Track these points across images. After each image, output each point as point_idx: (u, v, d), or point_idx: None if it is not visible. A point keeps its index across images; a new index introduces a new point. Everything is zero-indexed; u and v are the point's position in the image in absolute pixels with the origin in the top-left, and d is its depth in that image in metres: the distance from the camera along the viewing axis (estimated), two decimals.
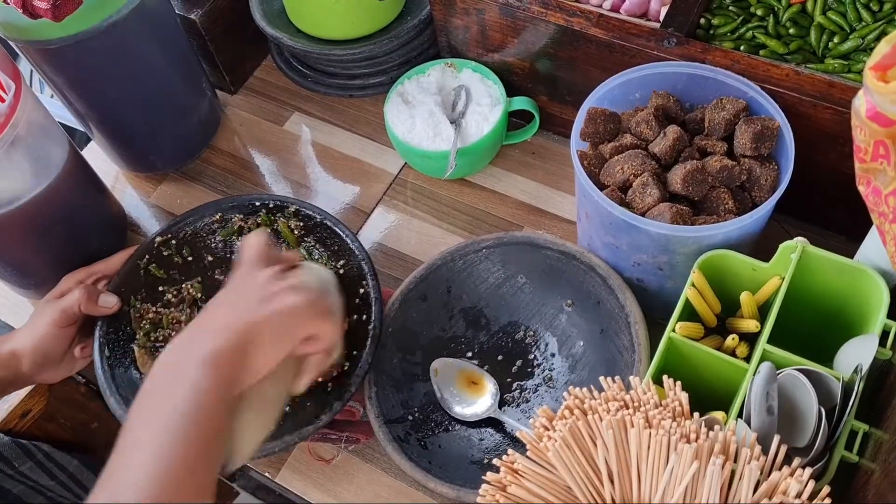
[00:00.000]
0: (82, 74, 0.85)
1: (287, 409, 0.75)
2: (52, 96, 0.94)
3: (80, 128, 0.98)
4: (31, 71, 1.23)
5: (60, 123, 0.88)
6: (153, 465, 0.50)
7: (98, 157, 1.01)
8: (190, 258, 0.85)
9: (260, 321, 0.59)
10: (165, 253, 0.85)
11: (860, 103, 0.47)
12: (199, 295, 0.84)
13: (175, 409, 0.53)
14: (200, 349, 0.56)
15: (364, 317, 0.76)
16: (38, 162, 0.80)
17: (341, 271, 0.81)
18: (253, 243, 0.66)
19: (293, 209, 0.84)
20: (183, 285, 0.85)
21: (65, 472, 0.96)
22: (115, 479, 0.51)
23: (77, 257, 0.86)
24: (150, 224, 0.98)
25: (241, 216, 0.85)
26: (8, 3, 0.74)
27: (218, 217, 0.85)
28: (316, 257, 0.83)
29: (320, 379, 0.75)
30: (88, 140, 1.02)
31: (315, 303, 0.63)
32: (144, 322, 0.82)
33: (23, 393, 0.94)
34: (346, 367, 0.75)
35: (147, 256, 0.84)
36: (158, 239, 0.85)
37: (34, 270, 0.88)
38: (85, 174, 0.89)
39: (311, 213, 0.83)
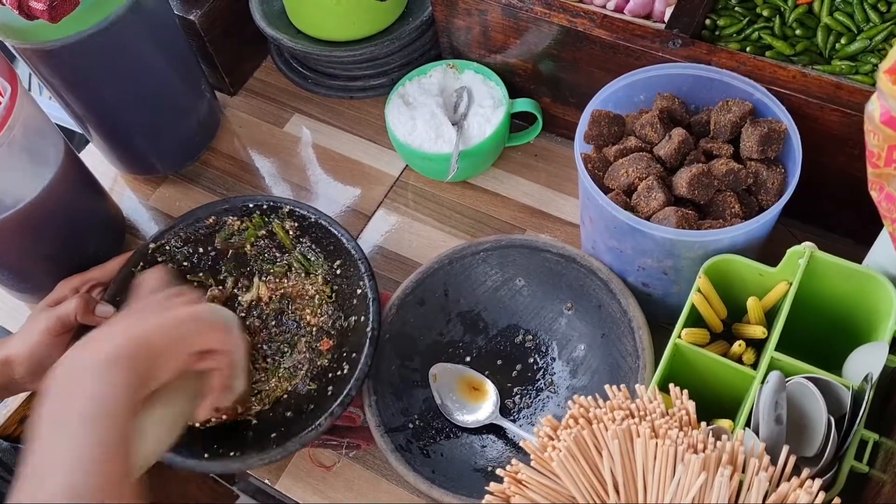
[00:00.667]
0: (80, 76, 0.84)
1: (288, 415, 0.74)
2: (49, 98, 0.93)
3: (78, 130, 0.97)
4: (30, 74, 1.22)
5: (58, 125, 0.87)
6: (65, 472, 0.49)
7: (96, 159, 1.00)
8: (185, 263, 0.85)
9: (154, 326, 0.59)
10: (160, 259, 0.84)
11: (874, 108, 0.46)
12: None
13: (78, 413, 0.52)
14: (96, 355, 0.55)
15: (362, 318, 0.75)
16: (35, 165, 0.80)
17: (338, 271, 0.80)
18: (150, 277, 0.68)
19: (287, 210, 0.83)
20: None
21: None
22: (28, 486, 0.50)
23: (74, 260, 0.85)
24: (149, 226, 0.97)
25: (236, 218, 0.84)
26: (4, 5, 0.73)
27: (212, 220, 0.85)
28: (312, 258, 0.82)
29: (224, 417, 0.74)
30: (87, 142, 1.01)
31: (212, 316, 0.62)
32: None
33: (21, 398, 0.93)
34: (344, 371, 0.74)
35: (142, 264, 0.84)
36: (152, 245, 0.84)
37: (31, 274, 0.87)
38: (82, 176, 0.88)
39: (305, 213, 0.82)
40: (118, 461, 0.52)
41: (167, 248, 0.84)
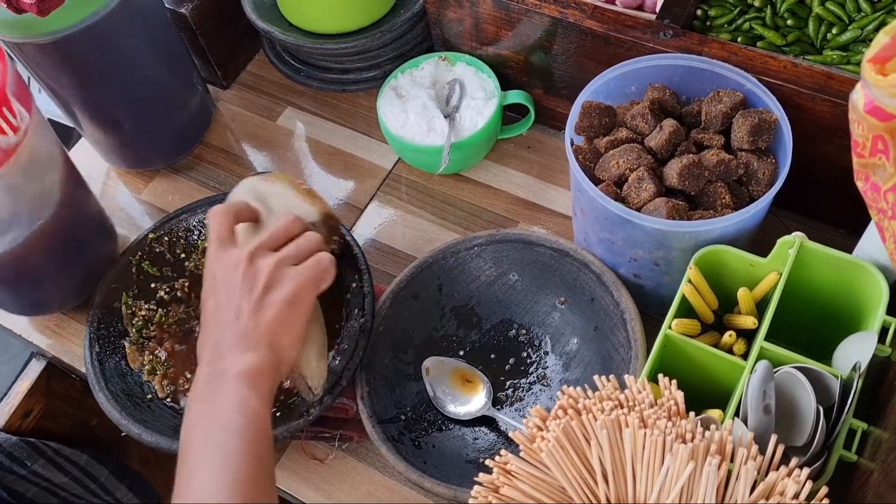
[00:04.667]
0: (71, 70, 0.84)
1: (278, 404, 0.74)
2: (40, 91, 0.92)
3: (70, 124, 0.97)
4: (28, 78, 1.22)
5: (50, 120, 0.86)
6: (223, 486, 0.53)
7: (88, 153, 1.00)
8: (182, 255, 0.85)
9: (272, 321, 0.61)
10: (158, 250, 0.84)
11: (858, 97, 0.46)
12: (192, 294, 0.83)
13: (229, 434, 0.55)
14: (234, 368, 0.58)
15: (356, 311, 0.75)
16: (42, 187, 0.79)
17: None
18: (215, 217, 0.66)
19: None
20: (176, 283, 0.84)
21: (76, 467, 0.96)
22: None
23: (72, 272, 0.85)
24: (143, 220, 0.97)
25: None
26: None
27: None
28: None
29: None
30: (79, 136, 1.01)
31: (303, 271, 0.64)
32: (137, 319, 0.82)
33: (22, 393, 0.94)
34: (336, 363, 0.74)
35: (139, 253, 0.84)
36: (151, 236, 0.84)
37: (30, 290, 0.86)
38: (80, 187, 0.86)
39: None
40: (265, 477, 0.56)
41: (166, 238, 0.84)
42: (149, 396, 0.78)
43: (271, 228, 0.67)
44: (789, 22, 0.80)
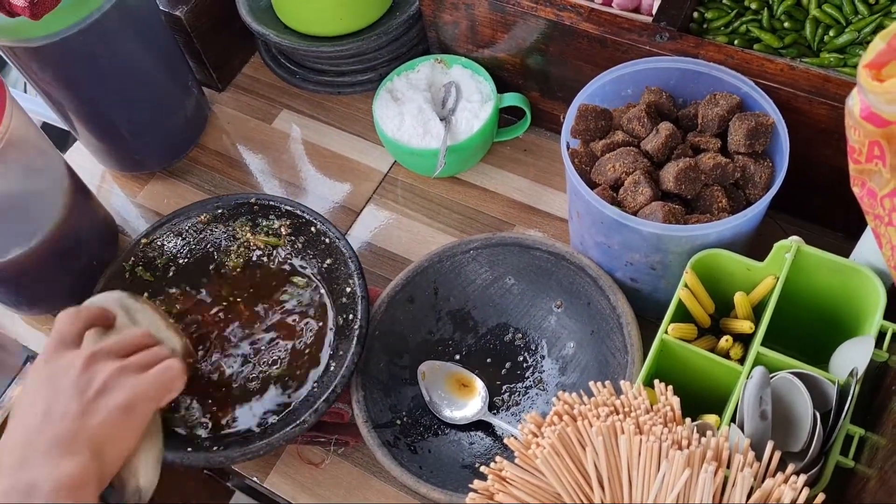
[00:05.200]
0: (65, 73, 0.83)
1: (273, 409, 0.74)
2: (35, 96, 0.92)
3: (65, 127, 0.96)
4: (25, 82, 1.21)
5: (46, 123, 0.86)
6: None
7: (84, 157, 0.99)
8: (178, 260, 0.84)
9: (100, 426, 0.54)
10: (151, 254, 0.84)
11: (854, 103, 0.45)
12: (183, 308, 0.83)
13: None
14: (49, 479, 0.50)
15: (350, 316, 0.75)
16: (46, 192, 0.80)
17: (328, 269, 0.80)
18: (63, 319, 0.61)
19: (279, 208, 0.83)
20: (170, 288, 0.84)
21: None
22: None
23: (71, 274, 0.85)
24: (138, 224, 0.96)
25: (229, 216, 0.84)
26: None
27: (204, 218, 0.85)
28: (303, 256, 0.82)
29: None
30: (74, 140, 1.01)
31: (145, 379, 0.58)
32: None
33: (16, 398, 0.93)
34: (331, 369, 0.73)
35: (132, 259, 0.83)
36: (143, 241, 0.84)
37: (25, 289, 0.86)
38: (80, 190, 0.86)
39: (297, 211, 0.82)
40: None
41: (158, 242, 0.84)
42: None
43: (121, 336, 0.62)
44: (786, 24, 0.80)
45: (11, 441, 0.54)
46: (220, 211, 0.85)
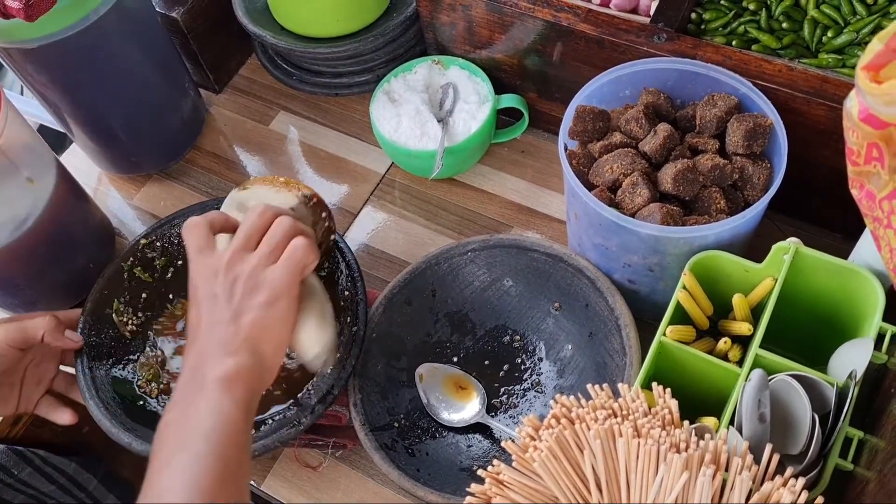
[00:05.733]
0: (61, 75, 0.83)
1: (269, 411, 0.74)
2: (30, 97, 0.92)
3: (61, 129, 0.96)
4: (21, 85, 1.21)
5: (42, 125, 0.86)
6: (186, 488, 0.52)
7: (80, 159, 0.99)
8: (177, 261, 0.84)
9: (252, 326, 0.60)
10: (150, 255, 0.84)
11: (852, 105, 0.45)
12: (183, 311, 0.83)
13: (199, 437, 0.55)
14: (212, 373, 0.58)
15: (349, 319, 0.75)
16: (31, 186, 0.79)
17: (323, 273, 0.80)
18: (191, 229, 0.65)
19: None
20: (169, 293, 0.83)
21: (64, 476, 0.95)
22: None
23: (65, 274, 0.85)
24: (135, 226, 0.96)
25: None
26: None
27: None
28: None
29: (332, 238, 0.75)
30: (70, 142, 1.00)
31: (278, 270, 0.62)
32: (130, 325, 0.81)
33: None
34: (328, 371, 0.73)
35: (131, 259, 0.83)
36: (143, 241, 0.84)
37: (20, 291, 0.86)
38: (73, 189, 0.86)
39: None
40: (233, 484, 0.55)
41: (158, 244, 0.84)
42: (139, 403, 0.77)
43: (242, 228, 0.65)
44: (784, 25, 0.80)
45: (189, 349, 0.61)
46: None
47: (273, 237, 0.64)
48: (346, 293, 0.76)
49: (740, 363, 0.63)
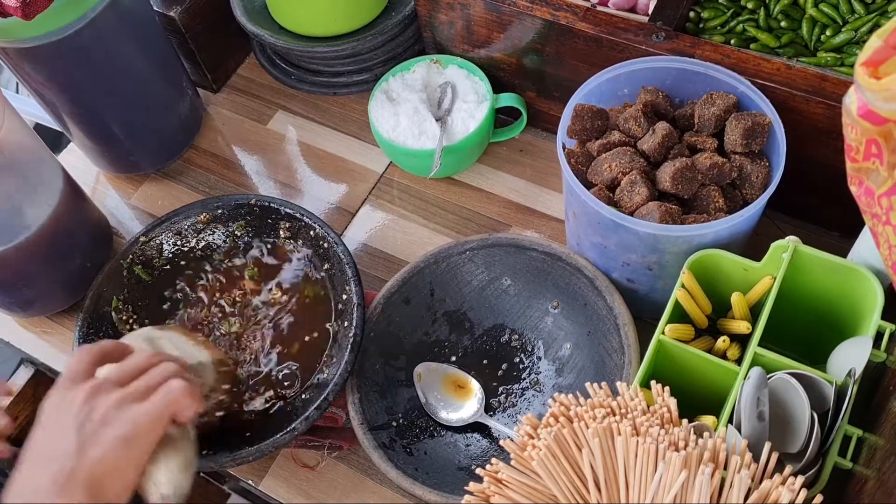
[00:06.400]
0: (59, 74, 0.83)
1: (265, 415, 0.74)
2: (28, 96, 0.92)
3: (58, 129, 0.96)
4: (17, 82, 1.21)
5: (39, 125, 0.86)
6: None
7: (78, 158, 0.99)
8: (175, 259, 0.84)
9: (98, 463, 0.53)
10: (149, 253, 0.84)
11: (851, 101, 0.45)
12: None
13: None
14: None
15: (346, 323, 0.75)
16: (36, 190, 0.79)
17: (321, 274, 0.80)
18: (76, 354, 0.61)
19: (279, 210, 0.82)
20: (165, 292, 0.83)
21: None
22: None
23: (63, 274, 0.85)
24: (133, 226, 0.96)
25: (228, 216, 0.84)
26: None
27: (203, 217, 0.84)
28: (300, 258, 0.81)
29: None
30: (68, 141, 1.00)
31: (146, 407, 0.57)
32: (130, 322, 0.81)
33: (8, 401, 0.93)
34: (324, 375, 0.73)
35: (131, 257, 0.83)
36: (142, 239, 0.84)
37: (17, 291, 0.85)
38: (74, 192, 0.86)
39: (298, 214, 0.82)
40: None
41: (157, 241, 0.84)
42: None
43: (124, 362, 0.61)
44: (783, 24, 0.80)
45: (21, 481, 0.54)
46: (219, 211, 0.84)
47: (151, 377, 0.59)
48: (344, 296, 0.76)
49: (739, 362, 0.63)
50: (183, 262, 0.84)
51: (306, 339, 0.78)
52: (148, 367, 0.60)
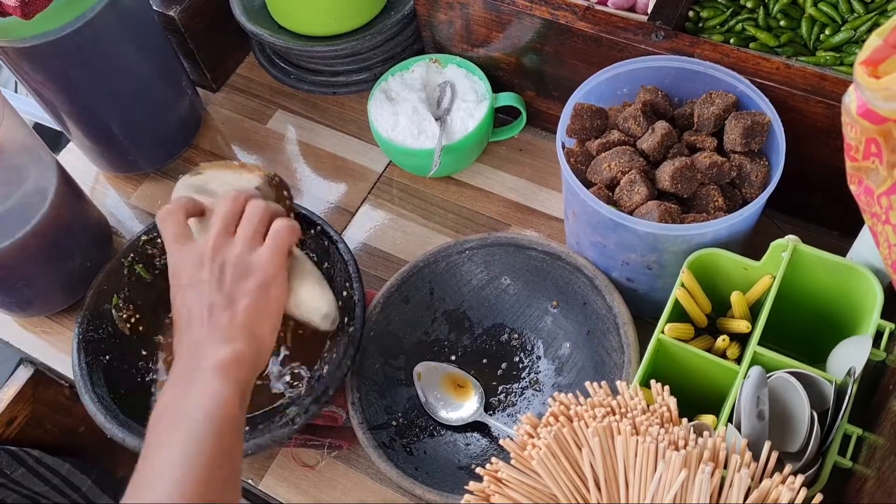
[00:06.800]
0: (58, 74, 0.83)
1: (264, 411, 0.74)
2: (27, 95, 0.92)
3: (57, 128, 0.96)
4: (16, 82, 1.21)
5: (38, 124, 0.85)
6: (181, 466, 0.52)
7: (77, 157, 0.99)
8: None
9: (247, 311, 0.60)
10: (150, 251, 0.84)
11: (850, 100, 0.45)
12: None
13: (195, 418, 0.55)
14: (209, 359, 0.58)
15: (346, 320, 0.75)
16: (33, 187, 0.79)
17: (326, 272, 0.79)
18: (166, 218, 0.65)
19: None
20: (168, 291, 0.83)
21: (58, 476, 0.95)
22: (141, 490, 0.53)
23: (60, 273, 0.85)
24: (132, 225, 0.96)
25: None
26: None
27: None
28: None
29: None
30: (67, 141, 1.00)
31: (265, 252, 0.63)
32: (130, 322, 0.81)
33: (7, 400, 0.93)
34: (324, 372, 0.73)
35: (132, 255, 0.83)
36: (144, 238, 0.83)
37: (16, 291, 0.85)
38: (71, 189, 0.86)
39: (301, 213, 0.81)
40: (228, 464, 0.55)
41: (159, 240, 0.84)
42: (137, 400, 0.77)
43: (219, 213, 0.65)
44: (782, 23, 0.80)
45: (181, 340, 0.60)
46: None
47: (251, 221, 0.65)
48: (344, 293, 0.76)
49: (739, 361, 0.63)
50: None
51: (307, 336, 0.78)
52: (240, 211, 0.66)
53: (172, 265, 0.64)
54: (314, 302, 0.67)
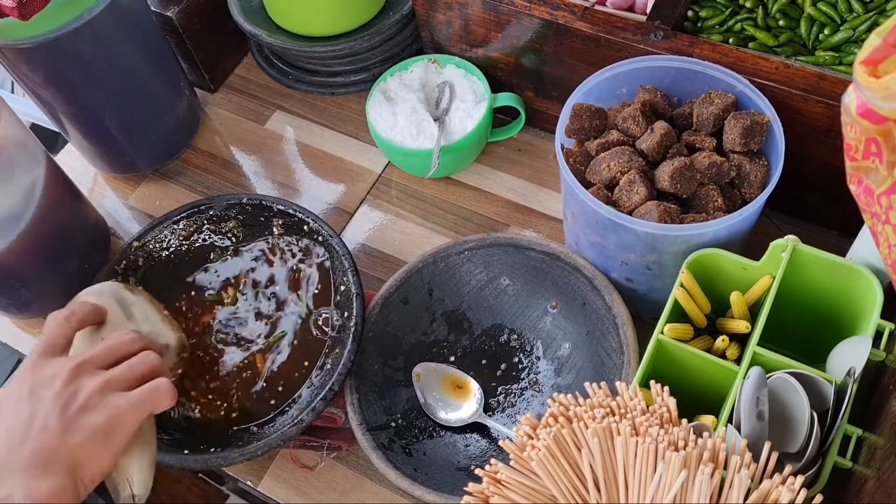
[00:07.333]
0: (56, 75, 0.83)
1: (269, 410, 0.74)
2: (24, 96, 0.91)
3: (55, 129, 0.96)
4: (13, 82, 1.20)
5: (36, 125, 0.85)
6: None
7: (75, 158, 0.99)
8: (170, 264, 0.84)
9: (79, 446, 0.54)
10: (146, 253, 0.84)
11: (850, 100, 0.45)
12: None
13: None
14: (25, 495, 0.51)
15: (346, 314, 0.75)
16: (22, 185, 0.78)
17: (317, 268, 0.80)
18: (52, 324, 0.61)
19: (272, 208, 0.82)
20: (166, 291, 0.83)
21: None
22: None
23: (59, 274, 0.84)
24: (130, 226, 0.96)
25: (220, 217, 0.84)
26: None
27: (195, 220, 0.84)
28: (295, 253, 0.81)
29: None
30: (65, 142, 1.00)
31: (130, 401, 0.57)
32: None
33: None
34: (327, 367, 0.72)
35: (125, 262, 0.83)
36: (135, 244, 0.84)
37: (14, 292, 0.85)
38: (66, 188, 0.86)
39: (290, 210, 0.82)
40: None
41: (150, 246, 0.84)
42: None
43: (108, 343, 0.61)
44: (781, 23, 0.80)
45: None
46: (211, 212, 0.84)
47: (131, 367, 0.59)
48: (343, 287, 0.76)
49: (738, 361, 0.63)
50: (177, 265, 0.84)
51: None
52: (129, 353, 0.60)
53: (23, 367, 0.58)
54: (134, 474, 0.60)
